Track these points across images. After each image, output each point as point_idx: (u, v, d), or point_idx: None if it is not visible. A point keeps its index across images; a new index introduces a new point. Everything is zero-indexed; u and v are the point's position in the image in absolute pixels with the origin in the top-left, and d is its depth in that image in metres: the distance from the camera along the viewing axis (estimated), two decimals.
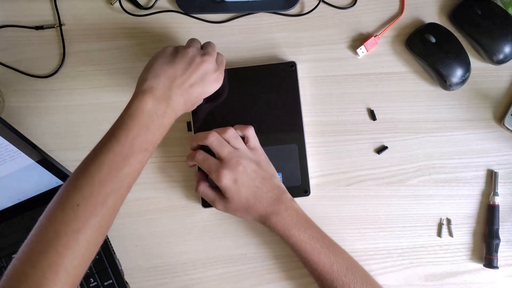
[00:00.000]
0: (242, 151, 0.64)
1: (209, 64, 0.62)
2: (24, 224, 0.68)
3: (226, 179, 0.61)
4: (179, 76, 0.59)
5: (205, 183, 0.65)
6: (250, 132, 0.65)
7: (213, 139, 0.63)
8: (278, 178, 0.65)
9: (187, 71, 0.60)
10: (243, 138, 0.65)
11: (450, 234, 0.70)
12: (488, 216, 0.69)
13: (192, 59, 0.61)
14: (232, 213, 0.65)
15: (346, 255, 0.64)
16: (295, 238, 0.62)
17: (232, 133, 0.64)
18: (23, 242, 0.67)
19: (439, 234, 0.70)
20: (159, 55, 0.62)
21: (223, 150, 0.63)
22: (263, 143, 0.68)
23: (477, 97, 0.71)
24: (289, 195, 0.65)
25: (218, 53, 0.66)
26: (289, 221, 0.62)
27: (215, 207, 0.65)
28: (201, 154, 0.64)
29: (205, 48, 0.64)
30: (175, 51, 0.62)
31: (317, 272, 0.62)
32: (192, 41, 0.65)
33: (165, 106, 0.58)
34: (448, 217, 0.70)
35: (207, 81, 0.62)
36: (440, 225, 0.70)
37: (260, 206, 0.63)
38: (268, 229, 0.64)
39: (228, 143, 0.64)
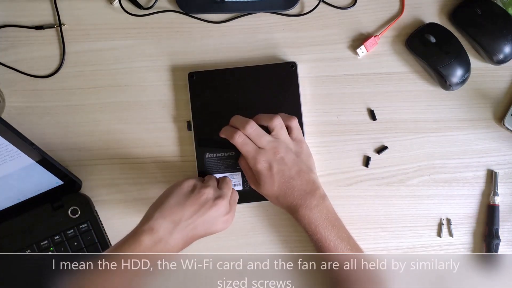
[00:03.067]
0: (282, 141, 0.64)
1: (219, 208, 0.61)
2: (24, 224, 0.68)
3: (261, 165, 0.62)
4: (185, 220, 0.59)
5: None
6: (294, 123, 0.65)
7: (251, 130, 0.63)
8: (315, 173, 0.66)
9: (195, 215, 0.59)
10: (287, 127, 0.65)
11: (450, 234, 0.70)
12: (488, 216, 0.69)
13: (204, 203, 0.60)
14: (264, 195, 0.65)
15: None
16: (320, 235, 0.62)
17: (278, 123, 0.64)
18: (23, 242, 0.67)
19: (439, 234, 0.70)
20: (174, 191, 0.61)
21: (261, 141, 0.63)
22: None
23: (477, 97, 0.71)
24: (322, 192, 0.65)
25: (232, 190, 0.65)
26: (318, 217, 0.63)
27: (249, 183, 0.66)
28: (240, 137, 0.63)
29: (221, 187, 0.64)
30: (191, 190, 0.61)
31: (336, 272, 0.62)
32: (209, 179, 0.64)
33: (161, 247, 0.57)
34: (448, 217, 0.70)
35: (214, 225, 0.61)
36: (440, 225, 0.70)
37: (291, 197, 0.63)
38: (295, 220, 0.64)
39: (273, 130, 0.63)
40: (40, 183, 0.67)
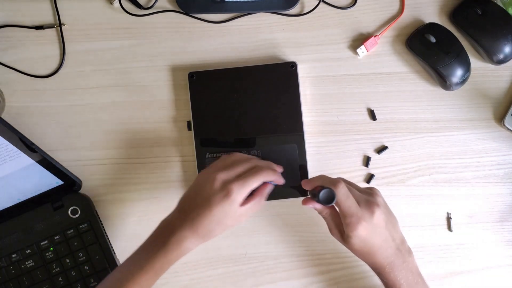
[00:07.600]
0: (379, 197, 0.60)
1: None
2: (24, 224, 0.68)
3: (362, 227, 0.57)
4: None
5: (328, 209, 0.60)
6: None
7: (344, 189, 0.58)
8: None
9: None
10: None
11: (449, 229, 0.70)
12: None
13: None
14: (349, 249, 0.60)
15: None
16: None
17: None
18: (23, 242, 0.67)
19: (439, 233, 0.70)
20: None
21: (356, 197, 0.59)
22: (263, 143, 0.68)
23: (477, 97, 0.71)
24: (407, 245, 0.60)
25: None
26: (402, 277, 0.59)
27: (330, 231, 0.61)
28: (344, 187, 0.57)
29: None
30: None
31: None
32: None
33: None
34: (448, 217, 0.70)
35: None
36: (440, 225, 0.70)
37: (381, 256, 0.58)
38: (376, 275, 0.61)
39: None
40: (40, 183, 0.67)
